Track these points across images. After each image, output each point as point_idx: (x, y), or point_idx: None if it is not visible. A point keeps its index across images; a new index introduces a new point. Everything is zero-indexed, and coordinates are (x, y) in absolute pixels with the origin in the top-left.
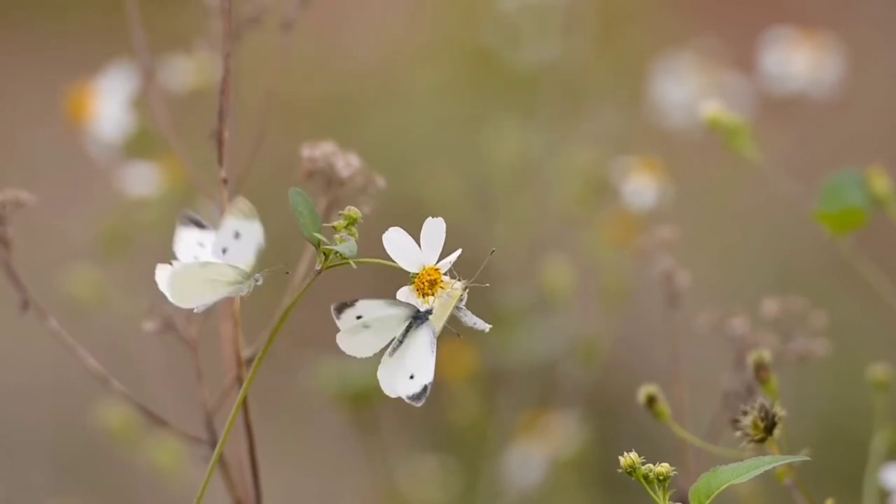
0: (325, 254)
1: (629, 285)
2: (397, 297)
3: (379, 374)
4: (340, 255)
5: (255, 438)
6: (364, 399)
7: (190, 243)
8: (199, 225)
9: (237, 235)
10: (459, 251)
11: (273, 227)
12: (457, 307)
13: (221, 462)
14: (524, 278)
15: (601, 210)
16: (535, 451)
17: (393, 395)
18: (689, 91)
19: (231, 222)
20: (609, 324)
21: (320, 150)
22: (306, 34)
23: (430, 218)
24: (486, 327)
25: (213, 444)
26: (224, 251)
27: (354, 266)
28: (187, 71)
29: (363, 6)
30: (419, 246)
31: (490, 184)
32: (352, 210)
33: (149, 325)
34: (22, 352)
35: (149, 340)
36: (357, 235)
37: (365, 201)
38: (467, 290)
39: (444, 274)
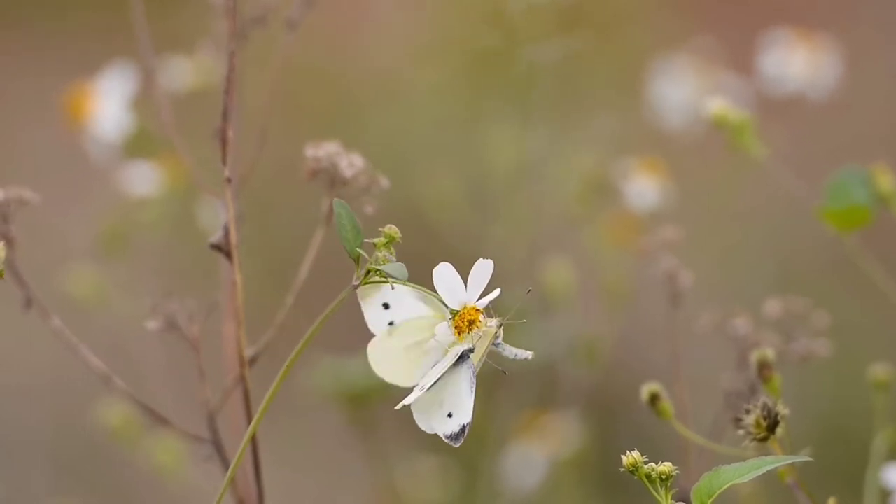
0: (367, 271)
1: (630, 285)
2: (436, 332)
3: (412, 407)
4: (381, 273)
5: (257, 438)
6: (363, 399)
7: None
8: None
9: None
10: (498, 292)
11: (275, 226)
12: (494, 343)
13: (224, 461)
14: (524, 278)
15: (601, 210)
16: (535, 452)
17: (429, 431)
18: (686, 92)
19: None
20: (610, 324)
21: (324, 150)
22: (309, 34)
23: (481, 259)
24: (529, 355)
25: (215, 444)
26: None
27: (392, 288)
28: (188, 71)
29: (365, 7)
30: (465, 285)
31: (490, 183)
32: (392, 228)
33: (151, 324)
34: (22, 352)
35: (149, 341)
36: (395, 253)
37: (368, 201)
38: (502, 328)
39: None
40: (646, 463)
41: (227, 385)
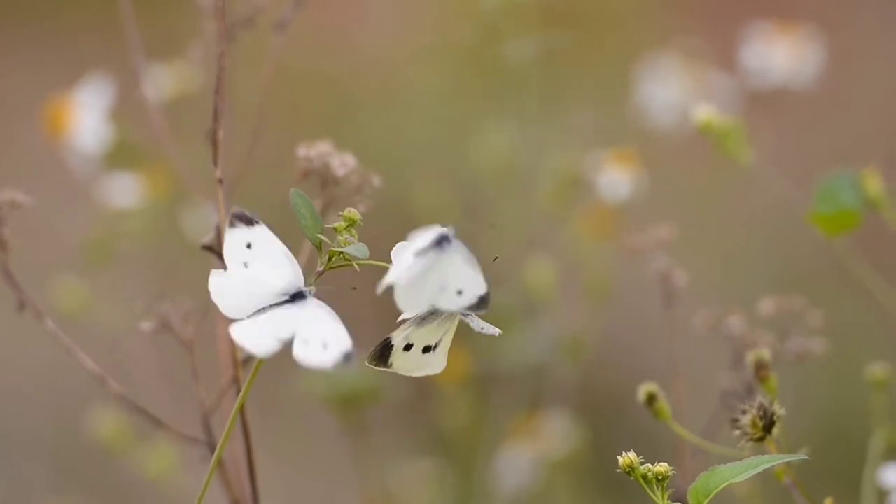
0: (329, 256)
1: (616, 283)
2: None
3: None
4: (345, 256)
5: (252, 438)
6: (355, 401)
7: (238, 246)
8: (248, 222)
9: (249, 246)
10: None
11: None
12: (463, 314)
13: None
14: (515, 279)
15: (581, 206)
16: (528, 453)
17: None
18: (674, 92)
19: (234, 236)
20: (597, 321)
21: (316, 150)
22: (304, 34)
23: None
24: (496, 331)
25: (211, 445)
26: (245, 265)
27: (358, 268)
28: (178, 73)
29: (360, 7)
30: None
31: (482, 183)
32: (351, 211)
33: (145, 326)
34: (21, 354)
35: (143, 346)
36: (357, 236)
37: (360, 200)
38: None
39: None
40: (642, 463)
41: (222, 386)
